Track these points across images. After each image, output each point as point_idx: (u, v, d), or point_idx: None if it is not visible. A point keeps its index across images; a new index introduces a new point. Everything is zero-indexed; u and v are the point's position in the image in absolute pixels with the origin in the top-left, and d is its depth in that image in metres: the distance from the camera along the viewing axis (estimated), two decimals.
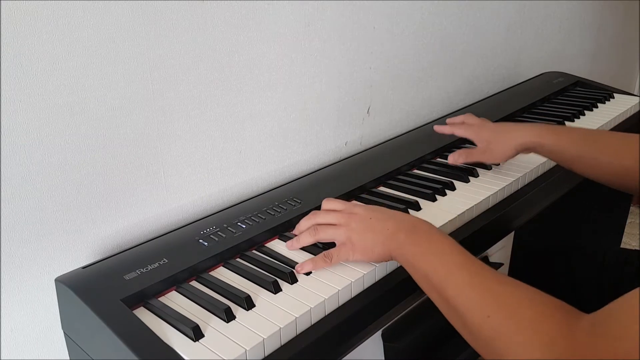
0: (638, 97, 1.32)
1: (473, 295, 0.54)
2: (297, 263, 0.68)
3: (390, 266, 0.69)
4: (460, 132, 0.96)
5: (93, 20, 0.67)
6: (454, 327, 0.57)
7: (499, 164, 0.96)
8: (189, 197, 0.83)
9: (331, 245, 0.69)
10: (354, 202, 0.81)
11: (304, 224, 0.73)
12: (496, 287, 0.54)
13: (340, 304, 0.64)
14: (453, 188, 0.87)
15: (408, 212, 0.80)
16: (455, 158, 0.92)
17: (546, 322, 0.49)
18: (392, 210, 0.69)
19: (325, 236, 0.69)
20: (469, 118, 0.98)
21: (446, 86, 1.26)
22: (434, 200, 0.84)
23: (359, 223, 0.67)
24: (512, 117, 1.20)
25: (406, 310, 0.74)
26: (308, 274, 0.67)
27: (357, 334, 0.63)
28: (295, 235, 0.72)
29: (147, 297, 0.62)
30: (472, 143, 0.94)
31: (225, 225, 0.74)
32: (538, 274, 1.02)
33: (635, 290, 0.44)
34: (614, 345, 0.43)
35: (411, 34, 1.11)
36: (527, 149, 0.87)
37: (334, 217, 0.69)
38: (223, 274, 0.68)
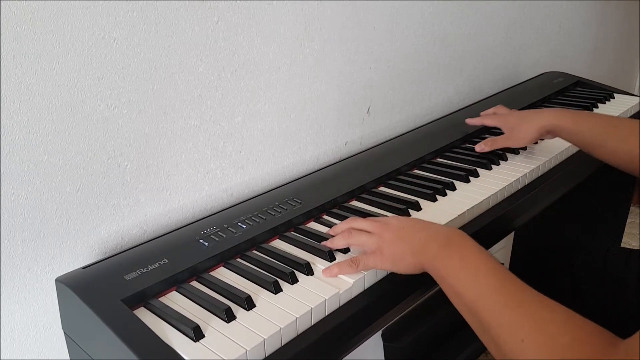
0: (638, 97, 1.31)
1: (508, 317, 0.52)
2: (298, 262, 0.68)
3: None
4: (489, 122, 1.03)
5: (93, 20, 0.67)
6: (484, 344, 0.55)
7: (525, 148, 1.00)
8: (189, 197, 0.83)
9: None
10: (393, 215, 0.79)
11: (340, 226, 0.72)
12: (533, 311, 0.52)
13: (341, 304, 0.64)
14: (453, 188, 0.87)
15: (408, 213, 0.80)
16: (482, 147, 0.98)
17: (582, 349, 0.47)
18: (428, 222, 0.67)
19: (357, 242, 0.68)
20: (499, 109, 1.05)
21: (446, 86, 1.26)
22: (435, 200, 0.84)
23: (391, 233, 0.66)
24: None
25: (406, 310, 0.74)
26: None
27: (357, 334, 0.63)
28: (331, 236, 0.72)
29: (148, 297, 0.62)
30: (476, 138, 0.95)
31: (225, 225, 0.74)
32: (538, 274, 1.02)
33: None
34: None
35: (411, 34, 1.11)
36: (548, 132, 0.92)
37: (369, 224, 0.68)
38: (223, 274, 0.68)
